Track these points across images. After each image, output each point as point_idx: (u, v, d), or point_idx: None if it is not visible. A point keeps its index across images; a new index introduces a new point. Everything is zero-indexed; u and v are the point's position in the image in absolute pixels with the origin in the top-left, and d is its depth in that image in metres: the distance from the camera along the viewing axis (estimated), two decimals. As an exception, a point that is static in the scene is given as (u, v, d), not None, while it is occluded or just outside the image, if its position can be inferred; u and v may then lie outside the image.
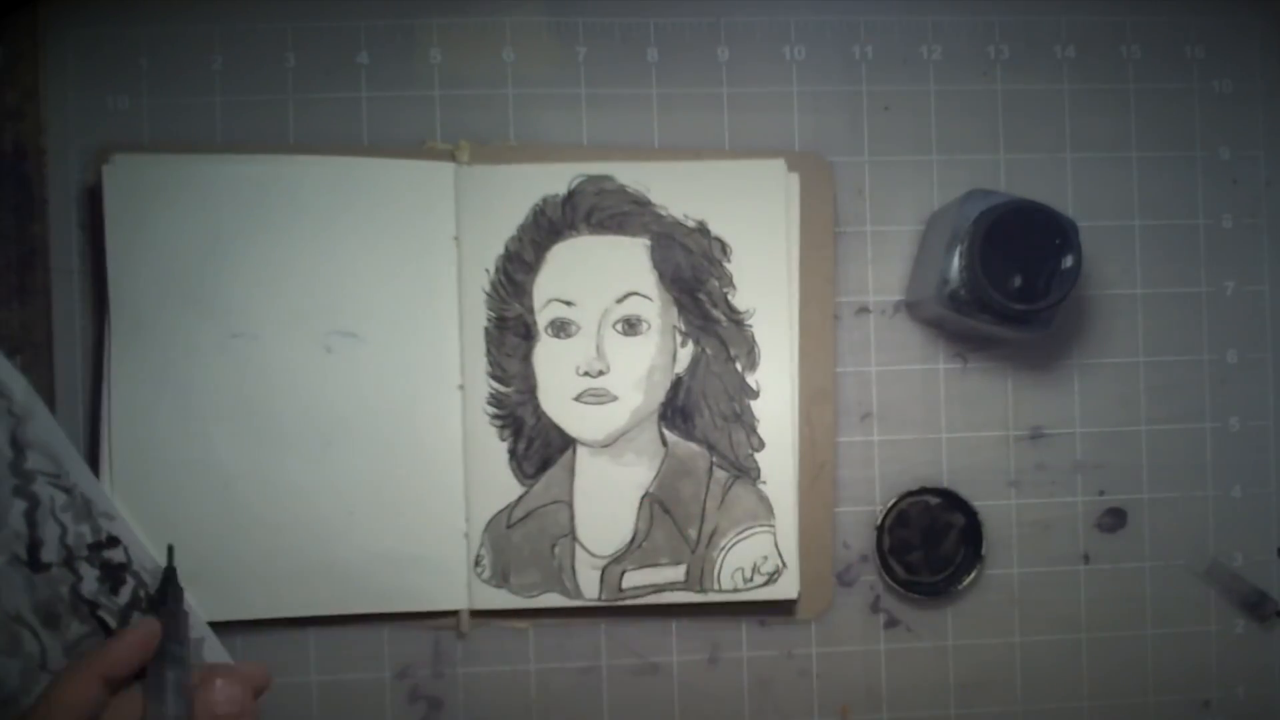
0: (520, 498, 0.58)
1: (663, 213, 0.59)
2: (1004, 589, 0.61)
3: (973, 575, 0.60)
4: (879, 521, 0.60)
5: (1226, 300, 0.63)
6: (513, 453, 0.58)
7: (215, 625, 0.57)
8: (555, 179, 0.59)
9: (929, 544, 0.61)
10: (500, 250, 0.58)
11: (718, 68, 0.61)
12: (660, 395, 0.59)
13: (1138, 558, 0.62)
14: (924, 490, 0.61)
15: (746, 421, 0.59)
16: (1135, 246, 0.62)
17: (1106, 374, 0.62)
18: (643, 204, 0.59)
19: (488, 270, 0.58)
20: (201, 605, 0.56)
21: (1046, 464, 0.62)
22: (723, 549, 0.59)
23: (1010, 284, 0.54)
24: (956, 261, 0.55)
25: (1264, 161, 0.63)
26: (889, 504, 0.60)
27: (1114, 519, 0.62)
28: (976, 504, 0.60)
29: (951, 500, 0.61)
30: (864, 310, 0.61)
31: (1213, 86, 0.62)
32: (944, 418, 0.61)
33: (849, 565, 0.61)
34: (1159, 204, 0.62)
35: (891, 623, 0.61)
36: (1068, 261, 0.54)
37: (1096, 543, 0.62)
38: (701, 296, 0.59)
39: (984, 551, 0.60)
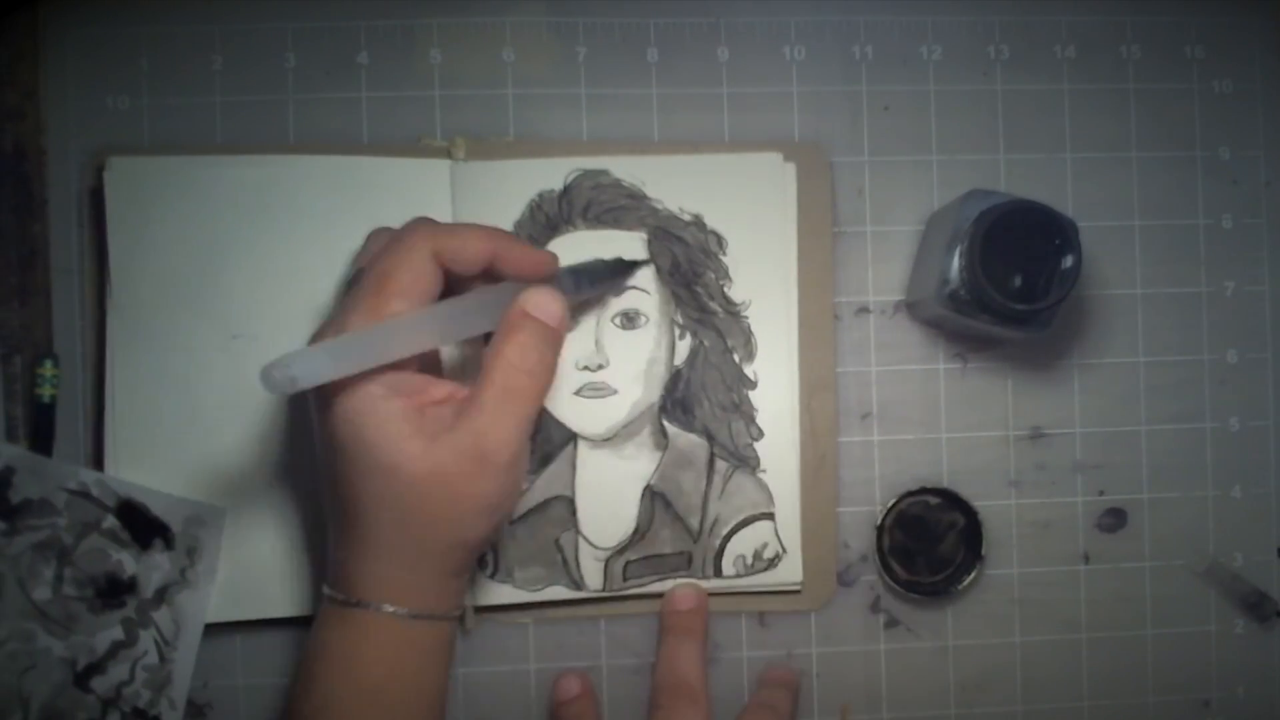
0: (523, 494, 0.58)
1: (659, 206, 0.59)
2: (1004, 589, 0.61)
3: (973, 575, 0.60)
4: (879, 521, 0.60)
5: (1226, 300, 0.62)
6: (514, 449, 0.58)
7: (216, 626, 0.57)
8: (551, 174, 0.58)
9: (929, 544, 0.61)
10: (498, 246, 0.58)
11: (718, 68, 0.61)
12: (659, 388, 0.59)
13: (1138, 558, 0.62)
14: (924, 490, 0.60)
15: (745, 411, 0.59)
16: (1135, 246, 0.62)
17: (1106, 374, 0.62)
18: (639, 198, 0.59)
19: (486, 266, 0.58)
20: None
21: (1046, 464, 0.62)
22: (724, 537, 0.59)
23: (1010, 284, 0.54)
24: (956, 261, 0.55)
25: (1264, 161, 0.63)
26: (889, 504, 0.60)
27: (1114, 519, 0.62)
28: (976, 504, 0.60)
29: (951, 500, 0.60)
30: (864, 310, 0.61)
31: (1213, 86, 0.62)
32: (944, 418, 0.61)
33: (849, 565, 0.61)
34: (1159, 204, 0.62)
35: (891, 623, 0.61)
36: (1068, 261, 0.54)
37: (1096, 543, 0.62)
38: (698, 289, 0.59)
39: (984, 551, 0.60)
